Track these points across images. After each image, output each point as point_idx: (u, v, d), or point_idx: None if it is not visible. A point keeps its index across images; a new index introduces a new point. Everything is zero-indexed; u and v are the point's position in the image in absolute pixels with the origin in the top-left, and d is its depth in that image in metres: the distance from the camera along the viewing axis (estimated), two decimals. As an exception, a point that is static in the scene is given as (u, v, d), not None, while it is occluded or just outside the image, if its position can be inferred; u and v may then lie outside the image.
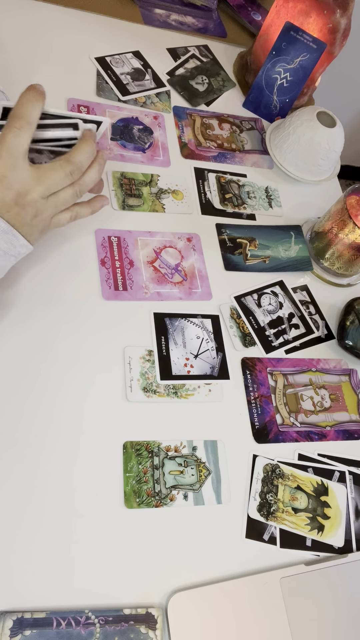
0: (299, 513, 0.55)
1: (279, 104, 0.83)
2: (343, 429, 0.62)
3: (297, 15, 0.75)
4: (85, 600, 0.45)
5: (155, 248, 0.65)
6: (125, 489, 0.50)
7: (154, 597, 0.47)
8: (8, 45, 0.73)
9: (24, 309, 0.55)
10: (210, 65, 0.87)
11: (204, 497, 0.52)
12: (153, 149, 0.73)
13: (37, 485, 0.48)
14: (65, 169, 0.47)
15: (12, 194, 0.45)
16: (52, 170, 0.46)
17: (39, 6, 0.79)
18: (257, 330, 0.64)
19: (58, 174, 0.47)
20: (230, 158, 0.78)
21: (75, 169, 0.48)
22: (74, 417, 0.52)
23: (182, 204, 0.70)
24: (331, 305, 0.71)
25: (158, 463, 0.52)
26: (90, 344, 0.56)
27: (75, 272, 0.59)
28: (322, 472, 0.58)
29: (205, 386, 0.58)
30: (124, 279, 0.61)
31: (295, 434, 0.59)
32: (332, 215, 0.70)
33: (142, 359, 0.57)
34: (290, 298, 0.69)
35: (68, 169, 0.47)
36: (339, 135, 0.75)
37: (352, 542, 0.55)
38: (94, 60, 0.78)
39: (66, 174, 0.47)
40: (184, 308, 0.62)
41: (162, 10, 0.89)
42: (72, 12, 0.81)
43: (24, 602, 0.44)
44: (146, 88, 0.78)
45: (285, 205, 0.78)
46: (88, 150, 0.49)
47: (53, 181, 0.46)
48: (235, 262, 0.68)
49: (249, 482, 0.55)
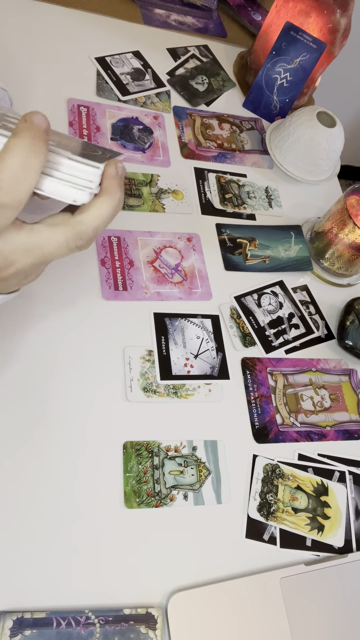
0: (299, 513, 0.55)
1: (279, 104, 0.83)
2: (343, 429, 0.62)
3: (297, 15, 0.75)
4: (85, 600, 0.45)
5: (155, 248, 0.65)
6: (125, 489, 0.50)
7: (154, 597, 0.47)
8: (8, 45, 0.73)
9: (24, 309, 0.55)
10: (210, 65, 0.87)
11: (204, 497, 0.52)
12: (153, 149, 0.73)
13: (37, 485, 0.48)
14: (71, 244, 0.34)
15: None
16: (52, 242, 0.33)
17: (39, 6, 0.79)
18: (257, 330, 0.64)
19: (59, 248, 0.33)
20: (230, 158, 0.78)
21: (85, 244, 0.35)
22: (74, 417, 0.52)
23: (182, 204, 0.70)
24: (331, 305, 0.71)
25: (158, 463, 0.52)
26: (90, 344, 0.56)
27: (75, 272, 0.59)
28: (322, 472, 0.58)
29: (205, 386, 0.58)
30: (124, 279, 0.61)
31: (295, 434, 0.59)
32: (332, 215, 0.70)
33: (142, 359, 0.57)
34: (290, 298, 0.69)
35: (74, 244, 0.34)
36: (339, 135, 0.75)
37: (352, 542, 0.55)
38: (94, 60, 0.78)
39: (70, 249, 0.34)
40: (184, 308, 0.62)
41: (162, 10, 0.89)
42: (72, 12, 0.81)
43: (24, 602, 0.44)
44: (146, 88, 0.78)
45: (285, 205, 0.78)
46: (109, 212, 0.34)
47: (49, 253, 0.33)
48: (235, 262, 0.68)
49: (249, 482, 0.55)
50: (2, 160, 0.29)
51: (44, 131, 0.30)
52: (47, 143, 0.30)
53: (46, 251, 0.33)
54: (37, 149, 0.30)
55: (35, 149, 0.29)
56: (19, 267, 0.33)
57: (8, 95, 0.63)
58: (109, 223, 0.35)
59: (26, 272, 0.35)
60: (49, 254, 0.34)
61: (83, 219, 0.34)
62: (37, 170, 0.30)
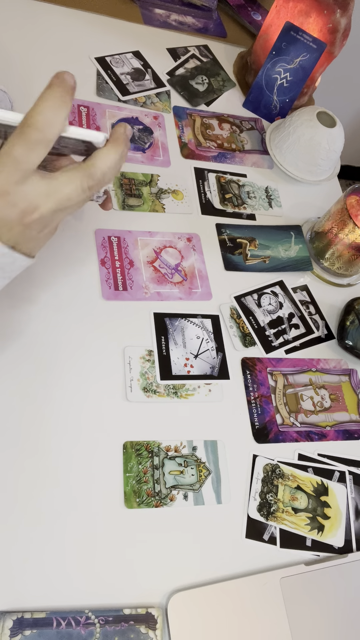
0: (299, 513, 0.55)
1: (279, 104, 0.83)
2: (343, 429, 0.62)
3: (297, 15, 0.75)
4: (85, 600, 0.45)
5: (155, 248, 0.65)
6: (125, 489, 0.50)
7: (154, 597, 0.47)
8: (8, 45, 0.73)
9: (24, 309, 0.55)
10: (210, 65, 0.87)
11: (204, 497, 0.52)
12: (153, 149, 0.73)
13: (37, 485, 0.48)
14: (84, 184, 0.39)
15: (16, 212, 0.38)
16: (68, 184, 0.39)
17: (39, 6, 0.79)
18: (257, 330, 0.64)
19: (75, 189, 0.39)
20: (230, 158, 0.78)
21: (95, 184, 0.40)
22: (74, 417, 0.52)
23: (182, 204, 0.70)
24: (331, 305, 0.71)
25: (158, 463, 0.52)
26: (90, 344, 0.56)
27: (75, 272, 0.59)
28: (322, 472, 0.58)
29: (205, 386, 0.58)
30: (124, 279, 0.61)
31: (295, 434, 0.59)
32: (332, 215, 0.70)
33: (142, 359, 0.57)
34: (290, 298, 0.69)
35: (87, 184, 0.39)
36: (339, 135, 0.75)
37: (352, 542, 0.55)
38: (94, 60, 0.78)
39: (84, 190, 0.39)
40: (184, 308, 0.62)
41: (162, 10, 0.89)
42: (72, 12, 0.81)
43: (24, 602, 0.44)
44: (146, 88, 0.78)
45: (285, 205, 0.78)
46: (116, 157, 0.40)
47: (67, 197, 0.39)
48: (235, 262, 0.68)
49: (249, 482, 0.55)
50: (38, 106, 0.36)
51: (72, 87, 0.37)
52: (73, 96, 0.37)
53: (64, 194, 0.39)
54: (66, 99, 0.36)
55: (65, 99, 0.36)
56: (42, 212, 0.38)
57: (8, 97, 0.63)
58: (115, 172, 0.41)
59: (46, 221, 0.40)
60: (66, 197, 0.39)
61: (93, 162, 0.40)
62: (65, 117, 0.37)
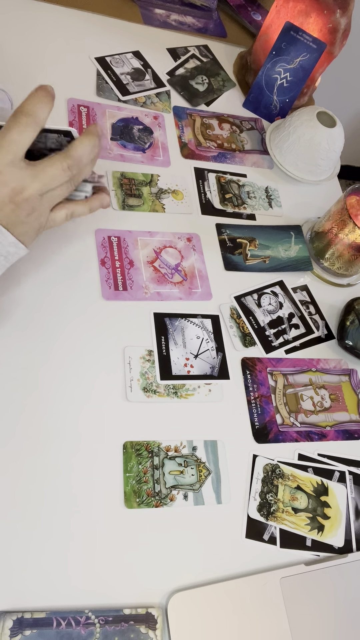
0: (299, 513, 0.55)
1: (279, 104, 0.83)
2: (343, 429, 0.62)
3: (297, 15, 0.75)
4: (85, 600, 0.45)
5: (155, 248, 0.65)
6: (125, 489, 0.50)
7: (154, 597, 0.47)
8: (8, 45, 0.73)
9: (24, 309, 0.55)
10: (210, 65, 0.87)
11: (204, 497, 0.52)
12: (153, 149, 0.73)
13: (37, 485, 0.48)
14: (63, 164, 0.46)
15: (7, 191, 0.43)
16: (49, 165, 0.45)
17: (39, 6, 0.79)
18: (257, 330, 0.64)
19: (56, 169, 0.45)
20: (230, 158, 0.78)
21: (73, 163, 0.47)
22: (74, 417, 0.52)
23: (182, 204, 0.70)
24: (331, 305, 0.71)
25: (158, 463, 0.52)
26: (90, 344, 0.56)
27: (75, 272, 0.59)
28: (322, 472, 0.58)
29: (205, 386, 0.58)
30: (124, 279, 0.61)
31: (295, 434, 0.59)
32: (332, 215, 0.70)
33: (142, 359, 0.57)
34: (290, 298, 0.69)
35: (66, 164, 0.46)
36: (339, 135, 0.75)
37: (352, 542, 0.55)
38: (94, 60, 0.78)
39: (64, 169, 0.46)
40: (184, 308, 0.62)
41: (162, 10, 0.89)
42: (72, 12, 0.81)
43: (24, 602, 0.44)
44: (146, 88, 0.78)
45: (285, 205, 0.78)
46: (89, 144, 0.47)
47: (50, 177, 0.45)
48: (235, 262, 0.68)
49: (249, 482, 0.55)
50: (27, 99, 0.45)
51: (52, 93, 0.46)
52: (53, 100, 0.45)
53: (48, 174, 0.45)
54: (49, 97, 0.45)
55: (48, 97, 0.45)
56: (30, 192, 0.44)
57: (8, 96, 0.63)
58: (91, 156, 0.48)
59: (33, 202, 0.45)
60: (49, 177, 0.45)
61: (70, 146, 0.47)
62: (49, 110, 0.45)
